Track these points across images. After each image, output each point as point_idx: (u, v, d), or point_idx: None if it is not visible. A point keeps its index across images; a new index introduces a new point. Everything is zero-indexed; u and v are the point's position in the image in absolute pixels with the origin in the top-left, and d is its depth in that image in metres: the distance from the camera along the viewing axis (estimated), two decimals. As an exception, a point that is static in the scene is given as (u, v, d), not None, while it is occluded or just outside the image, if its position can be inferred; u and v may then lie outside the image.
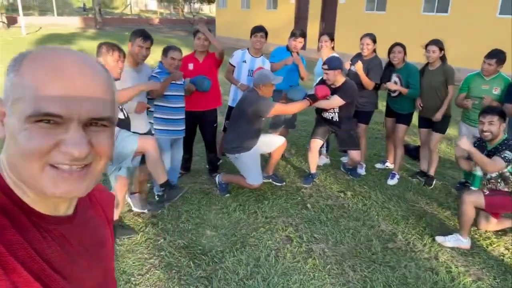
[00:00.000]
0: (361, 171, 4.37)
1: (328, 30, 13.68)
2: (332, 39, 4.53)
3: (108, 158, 0.61)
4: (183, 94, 3.55)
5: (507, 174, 2.96)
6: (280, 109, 3.52)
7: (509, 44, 8.96)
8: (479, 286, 2.63)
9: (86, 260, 0.68)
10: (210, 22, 28.69)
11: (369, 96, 4.22)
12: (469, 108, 3.69)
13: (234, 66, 4.14)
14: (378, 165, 4.58)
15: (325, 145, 4.68)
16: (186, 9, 28.32)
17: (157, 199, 3.54)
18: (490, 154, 2.99)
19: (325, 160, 4.68)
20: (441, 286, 2.61)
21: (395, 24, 11.64)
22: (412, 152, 4.79)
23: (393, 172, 4.18)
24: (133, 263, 2.76)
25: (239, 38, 16.20)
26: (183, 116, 3.61)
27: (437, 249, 3.01)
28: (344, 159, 4.53)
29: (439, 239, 3.08)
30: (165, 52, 3.34)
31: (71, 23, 24.71)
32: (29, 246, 0.57)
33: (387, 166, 4.50)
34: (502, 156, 2.88)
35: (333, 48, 4.58)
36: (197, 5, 27.29)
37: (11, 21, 21.67)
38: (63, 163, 0.55)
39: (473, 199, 2.97)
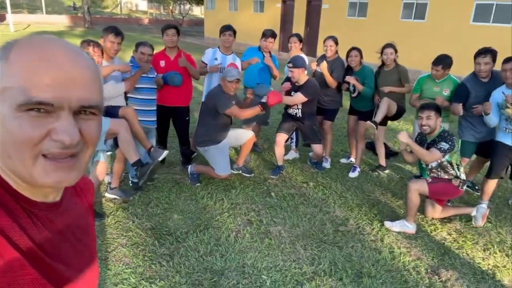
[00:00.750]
0: (326, 164, 4.65)
1: (312, 34, 14.06)
2: (300, 41, 4.82)
3: (94, 147, 0.62)
4: (154, 87, 3.79)
5: (445, 163, 3.26)
6: (234, 112, 3.72)
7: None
8: (417, 265, 2.91)
9: (73, 245, 0.70)
10: (199, 24, 28.92)
11: (334, 95, 4.51)
12: None
13: (206, 64, 4.38)
14: (343, 160, 4.86)
15: (294, 141, 4.96)
16: (176, 10, 28.47)
17: (131, 185, 3.77)
18: (429, 147, 3.28)
19: (294, 154, 4.94)
20: (382, 264, 2.88)
21: (375, 29, 12.02)
22: (388, 153, 5.02)
23: (354, 165, 4.47)
24: (102, 242, 2.97)
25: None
26: (154, 108, 3.84)
27: (384, 233, 3.29)
28: (312, 154, 4.81)
29: (387, 224, 3.36)
30: (136, 47, 3.59)
31: (60, 21, 24.73)
32: (21, 230, 0.58)
33: (351, 161, 4.79)
34: (438, 147, 3.18)
35: (301, 49, 4.87)
36: (187, 6, 27.45)
37: (0, 18, 21.61)
38: (54, 152, 0.56)
39: (417, 187, 3.25)
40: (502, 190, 4.22)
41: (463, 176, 3.29)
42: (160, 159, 3.34)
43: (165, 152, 3.39)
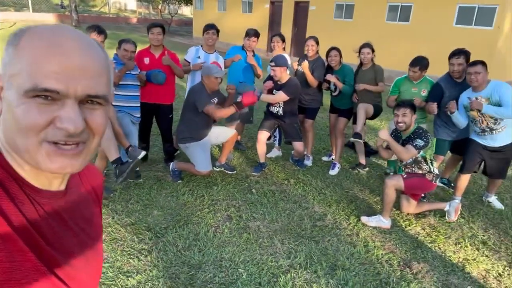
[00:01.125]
0: (308, 162, 4.72)
1: (300, 34, 14.17)
2: (283, 40, 4.89)
3: (101, 137, 0.63)
4: (137, 83, 3.82)
5: (420, 158, 3.36)
6: (210, 110, 3.73)
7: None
8: (390, 258, 2.99)
9: (76, 235, 0.70)
10: (188, 24, 28.86)
11: (315, 94, 4.60)
12: None
13: (189, 62, 4.42)
14: (324, 158, 4.95)
15: (277, 139, 5.03)
16: (166, 10, 28.40)
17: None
18: (404, 143, 3.38)
19: (277, 152, 5.01)
20: (356, 257, 2.96)
21: (362, 31, 12.18)
22: (369, 152, 5.11)
23: (334, 162, 4.56)
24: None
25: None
26: (138, 104, 3.87)
27: (359, 228, 3.37)
28: (294, 151, 4.88)
29: (363, 219, 3.44)
30: (119, 44, 3.62)
31: (47, 20, 24.46)
32: (24, 218, 0.58)
33: (332, 159, 4.86)
34: (414, 144, 3.28)
35: (284, 48, 4.94)
36: (176, 6, 27.39)
37: (-16, 16, 21.30)
38: (59, 139, 0.56)
39: (394, 182, 3.35)
40: (476, 187, 4.35)
41: (436, 171, 3.40)
42: (138, 158, 3.37)
43: (143, 152, 3.42)
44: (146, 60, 4.10)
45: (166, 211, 3.44)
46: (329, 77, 4.34)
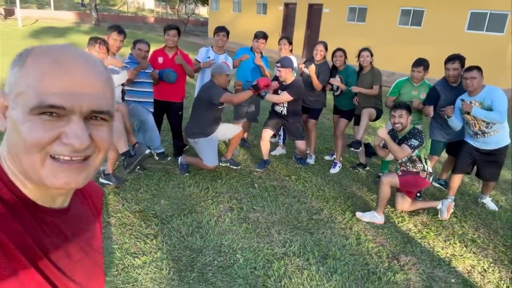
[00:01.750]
0: (310, 161, 4.91)
1: (312, 37, 14.32)
2: (290, 43, 5.09)
3: (106, 152, 0.63)
4: (150, 81, 4.09)
5: (414, 157, 3.54)
6: (227, 97, 3.98)
7: (476, 56, 9.65)
8: (380, 250, 3.17)
9: (78, 253, 0.70)
10: (204, 24, 29.25)
11: (318, 95, 4.79)
12: None
13: (200, 62, 4.67)
14: (327, 157, 5.13)
15: (282, 138, 5.23)
16: (183, 10, 28.87)
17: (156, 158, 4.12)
18: (400, 143, 3.55)
19: (281, 151, 5.21)
20: (348, 248, 3.15)
21: (374, 34, 12.27)
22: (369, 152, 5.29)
23: (335, 161, 4.74)
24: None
25: (229, 40, 16.79)
26: (151, 100, 4.15)
27: (353, 222, 3.55)
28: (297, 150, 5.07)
29: (358, 214, 3.62)
30: (134, 44, 3.89)
31: (67, 18, 25.14)
32: (29, 236, 0.59)
33: (334, 158, 5.04)
34: (409, 144, 3.45)
35: (291, 50, 5.14)
36: (192, 6, 27.80)
37: (9, 13, 22.04)
38: (63, 154, 0.57)
39: (389, 179, 3.52)
40: (474, 189, 4.47)
41: (430, 169, 3.57)
42: (145, 153, 3.63)
43: (148, 150, 3.67)
44: (160, 60, 4.36)
45: (173, 200, 3.68)
46: (333, 80, 4.52)
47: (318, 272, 2.83)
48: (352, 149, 4.33)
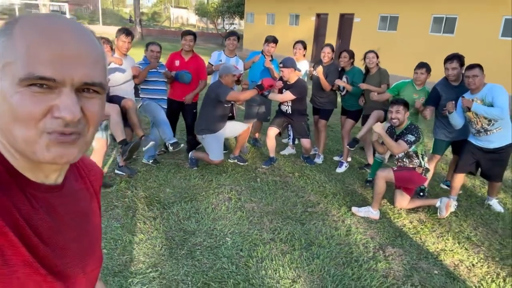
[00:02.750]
0: (318, 160, 5.02)
1: (343, 46, 14.34)
2: (305, 48, 5.27)
3: (96, 126, 0.61)
4: (163, 80, 4.45)
5: (411, 153, 3.58)
6: (234, 95, 4.24)
7: (510, 63, 9.31)
8: (368, 242, 3.23)
9: (72, 230, 0.68)
10: (242, 37, 30.05)
11: (329, 96, 4.91)
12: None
13: (212, 65, 4.96)
14: (336, 158, 5.21)
15: (291, 137, 5.38)
16: (225, 25, 29.92)
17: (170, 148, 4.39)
18: (397, 139, 3.60)
19: (291, 150, 5.35)
20: (336, 238, 3.24)
21: (405, 42, 12.13)
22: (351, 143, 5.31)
23: (341, 161, 4.81)
24: (102, 204, 3.57)
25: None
26: (164, 97, 4.49)
27: (347, 216, 3.63)
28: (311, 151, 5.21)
29: (354, 209, 3.69)
30: (147, 46, 4.26)
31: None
32: (17, 211, 0.57)
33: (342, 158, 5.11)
34: (405, 139, 3.50)
35: (304, 55, 5.32)
36: (230, 20, 28.70)
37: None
38: (56, 130, 0.55)
39: (385, 174, 3.58)
40: (483, 192, 4.37)
41: (426, 165, 3.59)
42: (146, 147, 4.01)
43: (152, 143, 4.00)
44: (177, 63, 4.71)
45: (177, 190, 3.95)
46: (338, 81, 4.65)
47: (300, 257, 2.95)
48: (348, 147, 4.41)
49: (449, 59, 3.79)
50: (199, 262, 2.81)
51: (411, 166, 3.62)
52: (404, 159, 3.64)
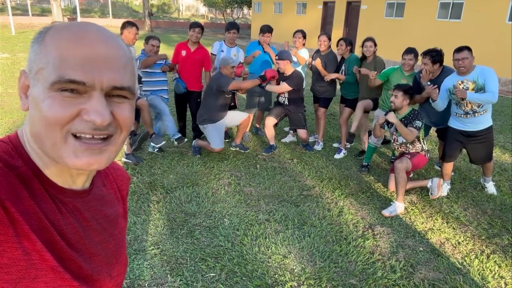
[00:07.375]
0: (318, 147, 5.17)
1: (351, 34, 14.33)
2: (304, 37, 5.38)
3: (128, 131, 0.62)
4: (164, 71, 4.64)
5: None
6: (236, 85, 4.40)
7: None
8: (358, 221, 3.40)
9: (98, 235, 0.69)
10: (247, 27, 30.05)
11: (328, 85, 5.04)
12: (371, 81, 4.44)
13: (215, 55, 5.13)
14: (335, 144, 5.35)
15: (292, 126, 5.53)
16: (234, 14, 29.92)
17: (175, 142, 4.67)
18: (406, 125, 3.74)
19: (291, 138, 5.51)
20: (328, 219, 3.41)
21: (412, 29, 12.06)
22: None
23: (340, 147, 4.96)
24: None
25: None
26: (165, 88, 4.69)
27: (341, 199, 3.79)
28: (310, 138, 5.36)
29: (385, 214, 3.49)
30: (147, 40, 4.45)
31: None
32: (44, 216, 0.58)
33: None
34: (414, 125, 3.66)
35: (304, 44, 5.44)
36: (239, 10, 28.74)
37: (72, 22, 24.27)
38: (85, 132, 0.56)
39: (404, 166, 3.59)
40: (478, 175, 4.47)
41: (426, 147, 3.79)
42: (158, 145, 4.28)
43: (163, 142, 4.22)
44: (183, 53, 4.90)
45: (180, 176, 4.16)
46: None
47: (293, 235, 3.14)
48: (347, 143, 4.59)
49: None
50: (197, 241, 3.02)
51: (413, 151, 3.76)
52: (408, 145, 3.78)
